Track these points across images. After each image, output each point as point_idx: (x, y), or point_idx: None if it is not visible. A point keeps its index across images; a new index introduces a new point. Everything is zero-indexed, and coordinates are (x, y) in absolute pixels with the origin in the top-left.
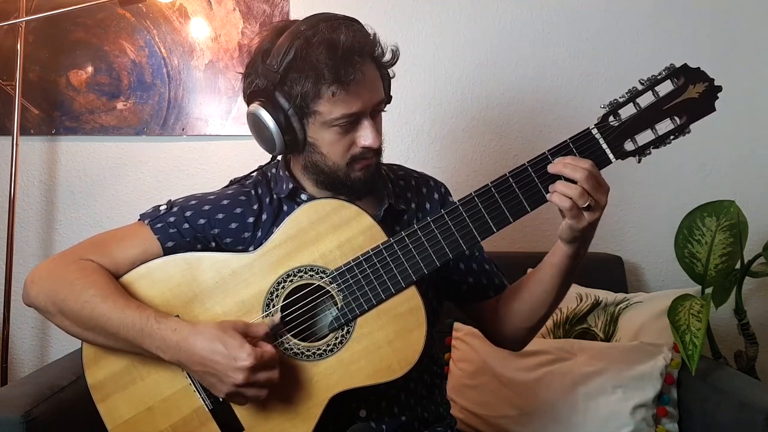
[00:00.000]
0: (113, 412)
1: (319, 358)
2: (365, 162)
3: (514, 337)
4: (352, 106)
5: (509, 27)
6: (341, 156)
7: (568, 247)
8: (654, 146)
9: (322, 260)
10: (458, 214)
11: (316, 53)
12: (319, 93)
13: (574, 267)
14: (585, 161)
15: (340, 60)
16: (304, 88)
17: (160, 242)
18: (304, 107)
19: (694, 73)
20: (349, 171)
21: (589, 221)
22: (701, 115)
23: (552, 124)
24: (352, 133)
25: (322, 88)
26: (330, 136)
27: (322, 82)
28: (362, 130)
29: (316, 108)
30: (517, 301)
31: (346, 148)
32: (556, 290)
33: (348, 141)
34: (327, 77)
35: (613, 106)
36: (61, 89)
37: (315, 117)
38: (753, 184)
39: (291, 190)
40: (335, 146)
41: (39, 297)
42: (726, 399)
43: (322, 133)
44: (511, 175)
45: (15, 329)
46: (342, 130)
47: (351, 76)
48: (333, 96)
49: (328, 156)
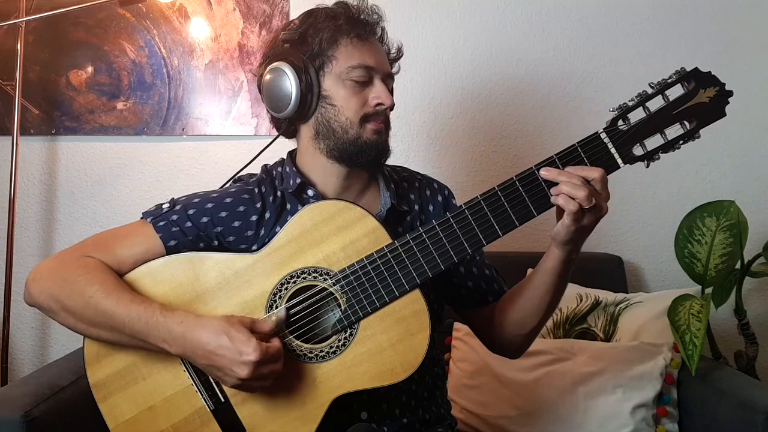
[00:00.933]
0: (114, 411)
1: (321, 360)
2: (377, 124)
3: (511, 343)
4: (367, 59)
5: (509, 27)
6: (355, 111)
7: (560, 251)
8: (663, 151)
9: (326, 262)
10: (464, 218)
11: (333, 12)
12: (336, 40)
13: (566, 272)
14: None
15: (356, 17)
16: (322, 38)
17: (163, 241)
18: (321, 54)
19: (705, 77)
20: (361, 131)
21: (587, 223)
22: (711, 120)
23: (552, 124)
24: (365, 91)
25: (340, 37)
26: (344, 91)
27: (340, 33)
28: (375, 89)
29: (333, 54)
30: (512, 307)
31: (359, 104)
32: (550, 295)
33: (361, 99)
34: (344, 28)
35: (623, 110)
36: (61, 89)
37: (331, 66)
38: (753, 184)
39: (299, 185)
40: (349, 101)
41: (41, 295)
42: (726, 399)
43: (337, 87)
44: (518, 178)
45: (15, 329)
46: (356, 85)
47: (367, 31)
48: (351, 42)
49: (341, 110)
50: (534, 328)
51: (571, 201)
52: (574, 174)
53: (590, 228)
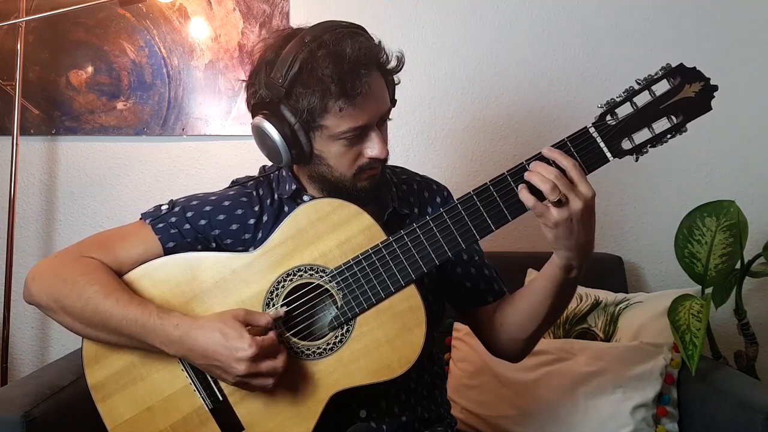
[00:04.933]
0: (113, 411)
1: (318, 357)
2: (372, 172)
3: (510, 347)
4: (359, 120)
5: (509, 27)
6: (348, 167)
7: (557, 256)
8: (651, 145)
9: (321, 259)
10: (457, 213)
11: (321, 67)
12: (325, 107)
13: (566, 281)
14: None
15: (347, 74)
16: (310, 103)
17: (161, 242)
18: (311, 121)
19: (690, 72)
20: (355, 181)
21: (558, 218)
22: (698, 113)
23: (551, 124)
24: (359, 144)
25: (329, 103)
26: (337, 149)
27: (329, 97)
28: (369, 142)
29: (323, 122)
30: (513, 310)
31: (353, 159)
32: (549, 302)
33: (355, 153)
34: (333, 92)
35: (611, 106)
36: (61, 89)
37: (322, 131)
38: (753, 184)
39: (294, 191)
40: (342, 158)
41: (40, 294)
42: (726, 399)
43: (328, 145)
44: (509, 173)
45: (15, 329)
46: (349, 142)
47: (357, 90)
48: (340, 111)
49: (335, 168)
50: (533, 334)
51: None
52: (552, 169)
53: (568, 226)
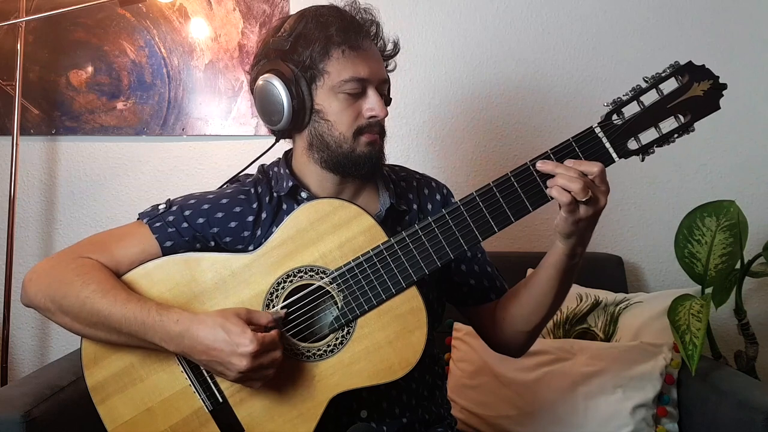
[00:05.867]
0: (113, 413)
1: (319, 358)
2: (371, 136)
3: (514, 341)
4: (360, 71)
5: (509, 27)
6: (348, 126)
7: (563, 244)
8: (658, 145)
9: (322, 260)
10: (459, 214)
11: (325, 18)
12: (328, 53)
13: (571, 267)
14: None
15: (349, 24)
16: (313, 51)
17: (159, 242)
18: (313, 68)
19: (698, 70)
20: (354, 145)
21: (584, 216)
22: (706, 113)
23: (552, 124)
24: (358, 102)
25: (332, 48)
26: (337, 104)
27: (331, 44)
28: (368, 100)
29: (325, 68)
30: (516, 303)
31: (353, 117)
32: (554, 291)
33: (355, 111)
34: (336, 39)
35: (617, 105)
36: (61, 89)
37: (323, 79)
38: (753, 184)
39: (291, 188)
40: (342, 114)
41: (38, 296)
42: (726, 399)
43: (329, 100)
44: (512, 174)
45: (15, 329)
46: (349, 97)
47: (360, 40)
48: (342, 55)
49: (335, 125)
50: (537, 326)
51: (565, 193)
52: (572, 167)
53: (590, 220)
